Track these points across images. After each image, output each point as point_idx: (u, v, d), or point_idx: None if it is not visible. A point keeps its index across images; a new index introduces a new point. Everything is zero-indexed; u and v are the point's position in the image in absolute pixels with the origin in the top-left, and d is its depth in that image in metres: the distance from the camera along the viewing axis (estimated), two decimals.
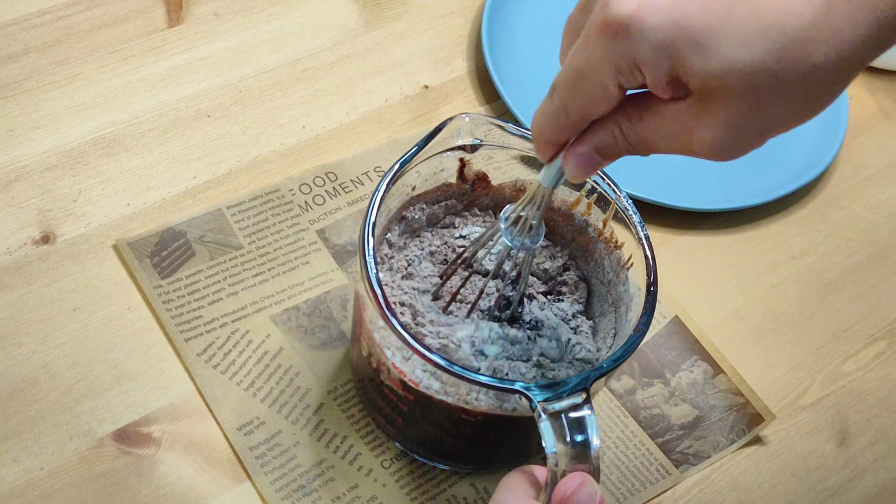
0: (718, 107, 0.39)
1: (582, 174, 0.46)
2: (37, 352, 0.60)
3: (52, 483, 0.56)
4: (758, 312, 0.71)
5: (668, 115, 0.41)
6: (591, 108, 0.43)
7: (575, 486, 0.45)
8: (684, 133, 0.41)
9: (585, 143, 0.45)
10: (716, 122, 0.40)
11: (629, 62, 0.39)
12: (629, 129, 0.43)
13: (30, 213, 0.65)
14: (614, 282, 0.58)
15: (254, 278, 0.65)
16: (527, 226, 0.52)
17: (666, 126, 0.42)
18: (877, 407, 0.68)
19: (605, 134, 0.44)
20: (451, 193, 0.60)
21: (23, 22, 0.74)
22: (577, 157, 0.45)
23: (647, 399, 0.65)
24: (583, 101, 0.43)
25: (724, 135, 0.40)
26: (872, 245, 0.76)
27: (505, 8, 0.80)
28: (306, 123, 0.73)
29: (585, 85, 0.42)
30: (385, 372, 0.53)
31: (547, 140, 0.46)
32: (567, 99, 0.43)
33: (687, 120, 0.41)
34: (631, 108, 0.43)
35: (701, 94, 0.40)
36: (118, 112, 0.71)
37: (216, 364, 0.61)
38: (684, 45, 0.38)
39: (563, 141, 0.46)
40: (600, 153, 0.45)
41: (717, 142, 0.41)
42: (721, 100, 0.39)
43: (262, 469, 0.58)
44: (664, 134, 0.42)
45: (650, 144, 0.43)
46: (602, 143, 0.44)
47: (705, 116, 0.40)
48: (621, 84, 0.41)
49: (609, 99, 0.42)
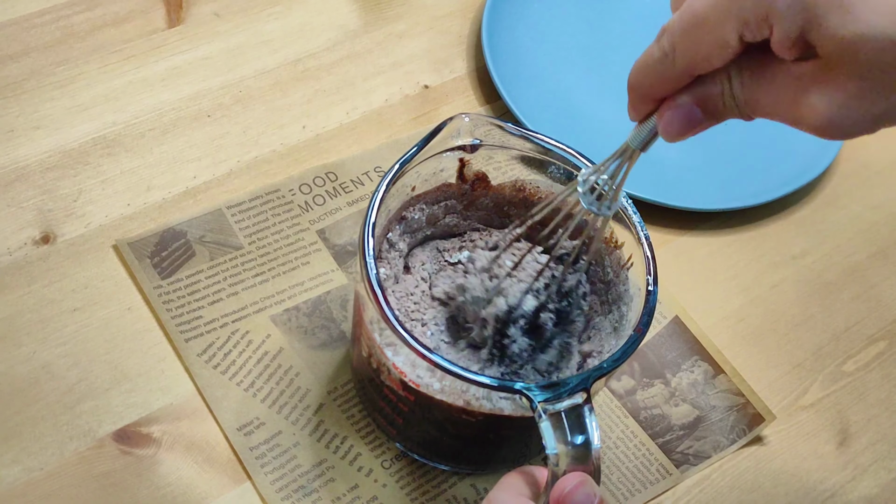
0: (844, 76, 0.36)
1: (677, 130, 0.42)
2: (37, 352, 0.60)
3: (53, 483, 0.56)
4: (758, 312, 0.71)
5: (785, 75, 0.38)
6: (704, 59, 0.39)
7: (573, 485, 0.45)
8: (797, 98, 0.38)
9: (688, 94, 0.41)
10: (835, 93, 0.37)
11: (760, 13, 0.37)
12: (739, 83, 0.40)
13: (30, 214, 0.65)
14: (614, 282, 0.58)
15: (254, 278, 0.65)
16: (607, 190, 0.48)
17: (780, 87, 0.39)
18: (877, 407, 0.68)
19: (714, 84, 0.40)
20: (451, 194, 0.60)
21: (23, 22, 0.74)
22: (676, 109, 0.41)
23: (647, 399, 0.65)
24: (697, 48, 0.39)
25: (840, 108, 0.37)
26: (872, 245, 0.76)
27: (505, 8, 0.80)
28: (306, 123, 0.73)
29: (704, 31, 0.38)
30: (385, 372, 0.53)
31: (644, 91, 0.42)
32: (679, 43, 0.40)
33: (804, 84, 0.38)
34: (745, 62, 0.40)
35: (828, 60, 0.37)
36: (118, 112, 0.71)
37: (216, 364, 0.61)
38: (823, 4, 0.35)
39: (661, 95, 0.42)
40: (703, 107, 0.41)
41: (830, 114, 0.37)
42: (849, 69, 0.36)
43: (263, 469, 0.58)
44: (776, 95, 0.39)
45: (757, 104, 0.40)
46: (707, 94, 0.41)
47: (826, 84, 0.37)
48: (743, 36, 0.38)
49: (726, 51, 0.39)
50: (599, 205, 0.49)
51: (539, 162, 0.57)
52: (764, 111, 0.40)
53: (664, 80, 0.41)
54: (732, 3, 0.37)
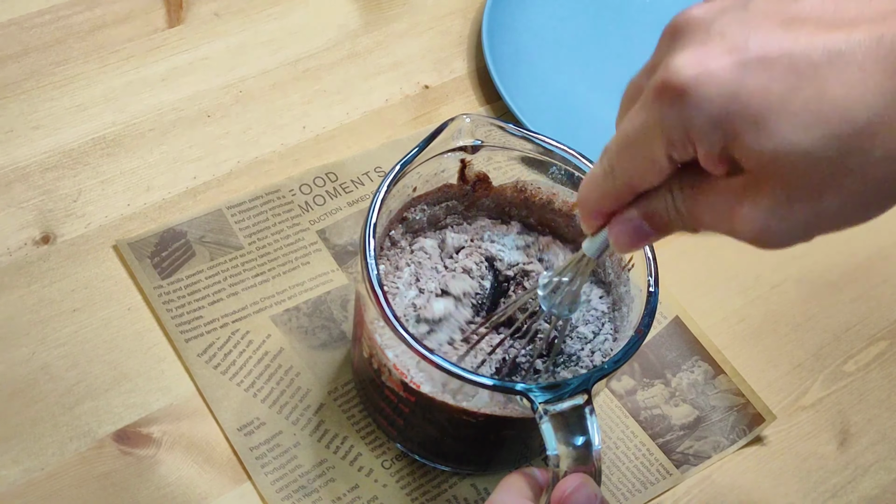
0: (769, 189, 0.37)
1: (628, 243, 0.43)
2: (37, 352, 0.60)
3: (53, 484, 0.56)
4: (758, 313, 0.71)
5: (719, 190, 0.39)
6: (639, 177, 0.41)
7: (574, 486, 0.45)
8: (731, 211, 0.39)
9: (634, 209, 0.42)
10: (763, 205, 0.38)
11: (682, 133, 0.37)
12: (680, 198, 0.41)
13: (30, 214, 0.65)
14: (615, 283, 0.58)
15: (254, 279, 0.65)
16: (567, 295, 0.51)
17: (716, 201, 0.39)
18: (878, 407, 0.68)
19: (657, 201, 0.42)
20: (452, 194, 0.59)
21: (23, 22, 0.73)
22: (624, 224, 0.43)
23: (647, 399, 0.65)
24: (631, 167, 0.40)
25: (770, 220, 0.38)
26: (873, 245, 0.76)
27: (505, 8, 0.80)
28: (306, 123, 0.73)
29: (635, 151, 0.40)
30: (386, 373, 0.53)
31: (593, 208, 0.44)
32: (616, 163, 0.41)
33: (736, 197, 0.38)
34: (685, 178, 0.40)
35: (752, 174, 0.37)
36: (118, 112, 0.71)
37: (216, 364, 0.61)
38: (740, 121, 0.36)
39: (608, 210, 0.43)
40: (650, 221, 0.42)
41: (762, 226, 0.38)
42: (772, 182, 0.37)
43: (263, 469, 0.58)
44: (713, 209, 0.40)
45: (699, 218, 0.41)
46: (652, 209, 0.42)
47: (754, 197, 0.38)
48: (672, 156, 0.39)
49: (658, 170, 0.40)
50: (560, 308, 0.51)
51: (540, 163, 0.57)
52: (705, 224, 0.41)
53: (609, 196, 0.42)
54: (656, 126, 0.38)
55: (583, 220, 0.45)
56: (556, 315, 0.52)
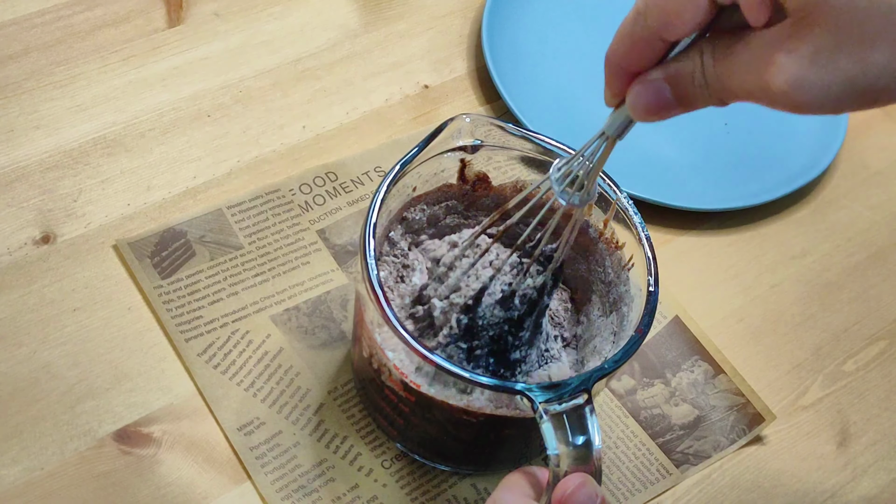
0: (813, 33, 0.34)
1: (646, 108, 0.40)
2: (37, 352, 0.60)
3: (53, 483, 0.56)
4: (758, 312, 0.71)
5: (755, 43, 0.36)
6: (676, 16, 0.37)
7: (575, 485, 0.45)
8: (765, 64, 0.36)
9: (658, 70, 0.39)
10: (804, 51, 0.34)
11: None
12: (710, 59, 0.38)
13: (30, 213, 0.65)
14: (615, 282, 0.58)
15: (254, 278, 0.65)
16: (579, 180, 0.47)
17: (750, 57, 0.36)
18: (877, 407, 0.68)
19: (685, 62, 0.39)
20: (452, 194, 0.60)
21: (23, 22, 0.73)
22: (645, 85, 0.40)
23: (647, 399, 0.65)
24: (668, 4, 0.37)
25: (809, 69, 0.35)
26: (872, 245, 0.76)
27: (505, 8, 0.80)
28: (306, 123, 0.73)
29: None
30: (386, 373, 0.53)
31: (619, 62, 0.40)
32: (651, 1, 0.38)
33: (772, 46, 0.35)
34: (719, 39, 0.38)
35: (797, 16, 0.35)
36: (118, 112, 0.71)
37: (216, 364, 0.61)
38: None
39: (634, 67, 0.40)
40: (674, 85, 0.39)
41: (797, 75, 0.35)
42: (819, 24, 0.34)
43: (263, 469, 0.58)
44: (746, 66, 0.36)
45: (728, 79, 0.38)
46: (679, 70, 0.39)
47: (794, 42, 0.35)
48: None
49: (696, 8, 0.37)
50: (572, 194, 0.48)
51: (540, 162, 0.57)
52: (734, 87, 0.38)
53: (637, 44, 0.40)
54: None
55: (606, 84, 0.42)
56: (568, 202, 0.48)
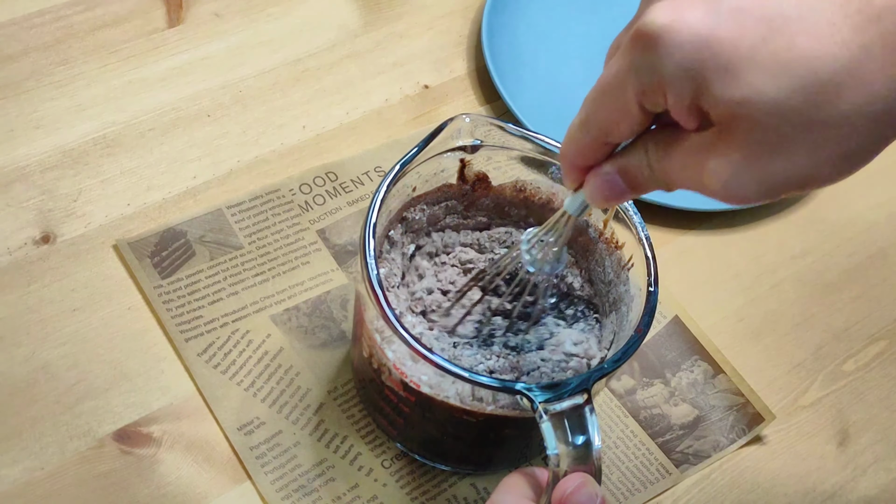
0: (736, 140, 0.37)
1: (602, 197, 0.44)
2: (37, 352, 0.60)
3: (53, 483, 0.56)
4: (758, 312, 0.71)
5: (689, 145, 0.39)
6: (613, 126, 0.41)
7: (575, 485, 0.45)
8: (700, 166, 0.39)
9: (610, 164, 0.43)
10: (731, 157, 0.38)
11: (653, 79, 0.38)
12: (654, 154, 0.41)
13: (30, 213, 0.65)
14: (615, 282, 0.58)
15: (254, 278, 0.65)
16: (548, 252, 0.51)
17: (686, 157, 0.40)
18: (877, 407, 0.68)
19: (632, 156, 0.42)
20: (452, 194, 0.60)
21: (23, 22, 0.73)
22: (599, 178, 0.43)
23: (647, 399, 0.65)
24: (605, 116, 0.41)
25: (737, 172, 0.38)
26: (872, 245, 0.76)
27: (505, 8, 0.80)
28: (306, 123, 0.73)
29: (609, 98, 0.40)
30: (386, 373, 0.53)
31: (571, 160, 0.44)
32: (591, 112, 0.42)
33: (705, 152, 0.39)
34: (660, 135, 0.41)
35: (721, 126, 0.37)
36: (118, 112, 0.71)
37: (216, 364, 0.61)
38: (711, 69, 0.36)
39: (586, 164, 0.44)
40: (624, 177, 0.43)
41: (729, 178, 0.38)
42: (740, 133, 0.37)
43: (263, 469, 0.58)
44: (684, 165, 0.40)
45: (671, 175, 0.41)
46: (627, 165, 0.42)
47: (721, 148, 0.38)
48: (644, 105, 0.39)
49: (630, 118, 0.40)
50: (541, 264, 0.52)
51: (539, 162, 0.57)
52: (677, 182, 0.41)
53: (585, 148, 0.43)
54: (629, 74, 0.38)
55: (563, 174, 0.46)
56: (538, 272, 0.52)
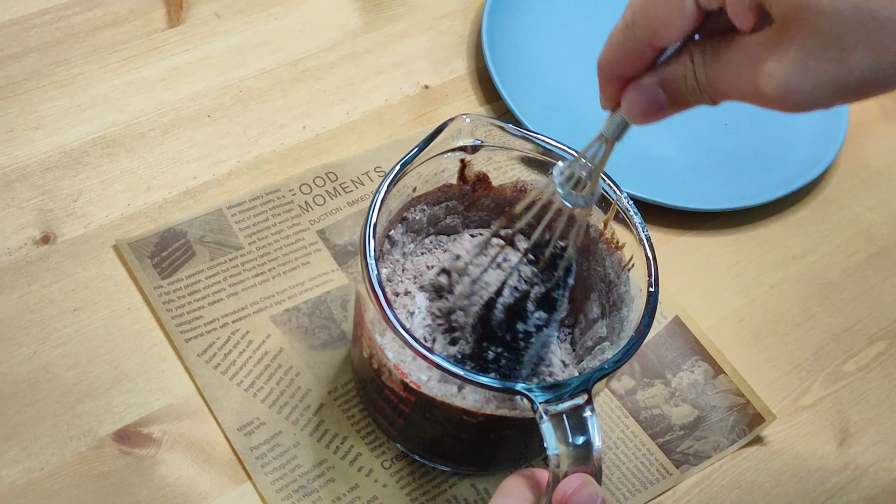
0: (798, 38, 0.35)
1: (642, 111, 0.41)
2: (37, 352, 0.60)
3: (53, 483, 0.56)
4: (758, 312, 0.71)
5: (744, 48, 0.37)
6: (663, 26, 0.39)
7: (575, 486, 0.45)
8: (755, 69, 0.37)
9: (651, 75, 0.41)
10: (791, 56, 0.36)
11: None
12: (701, 62, 0.39)
13: (30, 214, 0.65)
14: (615, 282, 0.58)
15: (254, 278, 0.65)
16: (582, 181, 0.48)
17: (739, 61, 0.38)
18: (878, 407, 0.68)
19: (676, 65, 0.40)
20: (452, 194, 0.60)
21: (23, 22, 0.73)
22: (640, 89, 0.41)
23: (647, 399, 0.65)
24: (656, 13, 0.38)
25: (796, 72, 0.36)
26: (873, 245, 0.76)
27: (505, 8, 0.80)
28: (307, 123, 0.73)
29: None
30: (386, 373, 0.53)
31: (611, 70, 0.42)
32: (639, 11, 0.39)
33: (762, 53, 0.37)
34: (707, 42, 0.39)
35: (782, 23, 0.36)
36: (118, 112, 0.71)
37: (216, 364, 0.61)
38: None
39: (626, 73, 0.41)
40: (666, 88, 0.40)
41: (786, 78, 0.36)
42: (803, 30, 0.35)
43: (263, 469, 0.58)
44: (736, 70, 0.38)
45: (719, 82, 0.39)
46: (671, 74, 0.40)
47: (781, 47, 0.36)
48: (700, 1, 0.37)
49: (683, 16, 0.38)
50: (576, 196, 0.49)
51: (540, 163, 0.57)
52: (726, 89, 0.39)
53: (627, 53, 0.41)
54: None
55: (601, 91, 0.43)
56: (572, 204, 0.49)
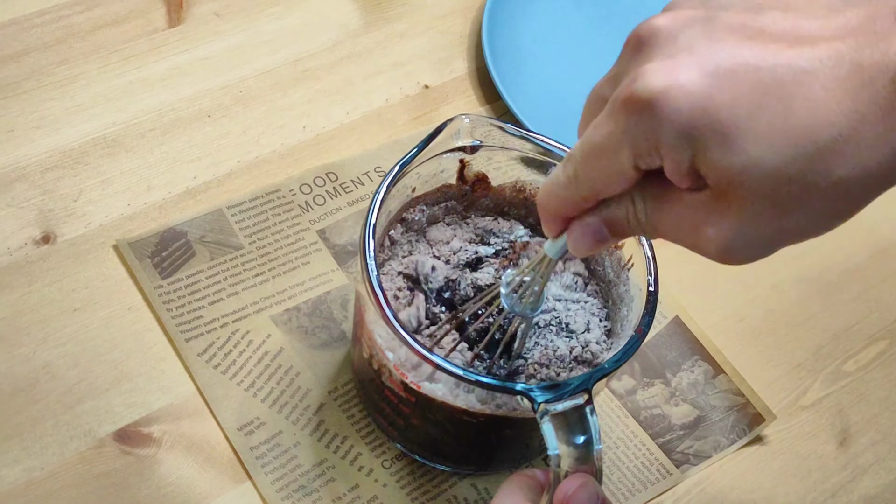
0: (733, 206, 0.37)
1: (586, 248, 0.43)
2: (37, 352, 0.60)
3: (53, 483, 0.56)
4: (758, 312, 0.71)
5: (683, 203, 0.39)
6: (605, 186, 0.41)
7: (576, 486, 0.45)
8: (694, 227, 0.39)
9: (595, 214, 0.43)
10: (727, 223, 0.38)
11: (650, 144, 0.37)
12: (642, 208, 0.41)
13: (30, 213, 0.65)
14: (615, 282, 0.58)
15: (254, 278, 0.65)
16: (528, 293, 0.51)
17: (678, 214, 0.39)
18: (878, 407, 0.68)
19: (619, 208, 0.42)
20: (451, 195, 0.60)
21: (23, 22, 0.73)
22: (584, 228, 0.43)
23: (647, 399, 0.65)
24: (597, 176, 0.40)
25: (733, 237, 0.38)
26: (873, 245, 0.76)
27: (505, 8, 0.80)
28: (307, 123, 0.73)
29: (602, 160, 0.40)
30: (386, 373, 0.53)
31: (554, 213, 0.44)
32: (581, 171, 0.41)
33: (699, 214, 0.38)
34: (649, 188, 0.40)
35: (717, 190, 0.37)
36: (118, 112, 0.71)
37: (217, 364, 0.61)
38: (708, 136, 0.36)
39: (569, 215, 0.43)
40: (610, 227, 0.42)
41: (725, 243, 0.38)
42: (736, 199, 0.37)
43: (263, 469, 0.58)
44: (676, 222, 0.40)
45: (660, 229, 0.41)
46: (613, 216, 0.42)
47: (718, 214, 0.38)
48: (638, 165, 0.39)
49: (624, 179, 0.39)
50: (522, 306, 0.52)
51: (539, 163, 0.57)
52: (666, 235, 0.41)
53: (570, 203, 0.43)
54: (624, 136, 0.38)
55: (544, 225, 0.45)
56: (518, 314, 0.52)
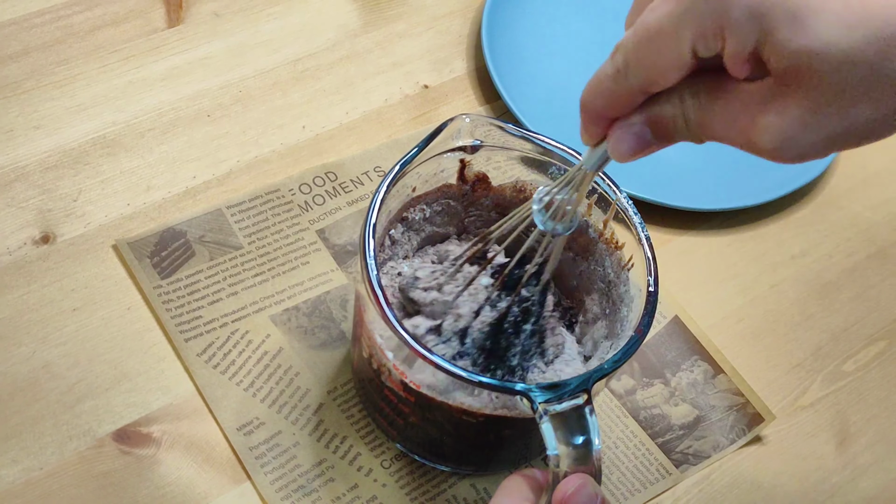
0: (797, 93, 0.35)
1: (628, 151, 0.41)
2: (37, 352, 0.60)
3: (52, 483, 0.56)
4: (758, 312, 0.71)
5: (739, 96, 0.37)
6: (658, 74, 0.38)
7: (575, 486, 0.45)
8: (749, 119, 0.37)
9: (640, 114, 0.40)
10: (788, 110, 0.35)
11: (714, 24, 0.35)
12: (692, 104, 0.38)
13: (30, 213, 0.65)
14: (615, 282, 0.58)
15: (254, 278, 0.65)
16: (561, 210, 0.49)
17: (733, 109, 0.37)
18: (877, 407, 0.68)
19: (666, 105, 0.39)
20: (452, 194, 0.60)
21: (23, 22, 0.73)
22: (627, 129, 0.40)
23: (647, 399, 0.65)
24: (651, 62, 0.38)
25: (793, 127, 0.36)
26: (872, 245, 0.76)
27: (505, 8, 0.80)
28: (306, 123, 0.73)
29: (658, 43, 0.37)
30: (386, 373, 0.53)
31: (597, 112, 0.41)
32: (633, 59, 0.38)
33: (756, 104, 0.36)
34: (699, 83, 0.38)
35: (780, 77, 0.35)
36: (118, 112, 0.71)
37: (216, 364, 0.61)
38: (779, 15, 0.34)
39: (613, 115, 0.41)
40: (654, 128, 0.40)
41: (783, 134, 0.36)
42: (801, 86, 0.35)
43: (262, 469, 0.58)
44: (729, 117, 0.37)
45: (710, 127, 0.38)
46: (659, 115, 0.39)
47: (778, 101, 0.36)
48: (697, 50, 0.36)
49: (680, 65, 0.37)
50: (554, 224, 0.49)
51: (539, 163, 0.57)
52: (717, 134, 0.39)
53: (617, 98, 0.40)
54: (687, 15, 0.36)
55: (583, 128, 0.43)
56: (550, 232, 0.50)
